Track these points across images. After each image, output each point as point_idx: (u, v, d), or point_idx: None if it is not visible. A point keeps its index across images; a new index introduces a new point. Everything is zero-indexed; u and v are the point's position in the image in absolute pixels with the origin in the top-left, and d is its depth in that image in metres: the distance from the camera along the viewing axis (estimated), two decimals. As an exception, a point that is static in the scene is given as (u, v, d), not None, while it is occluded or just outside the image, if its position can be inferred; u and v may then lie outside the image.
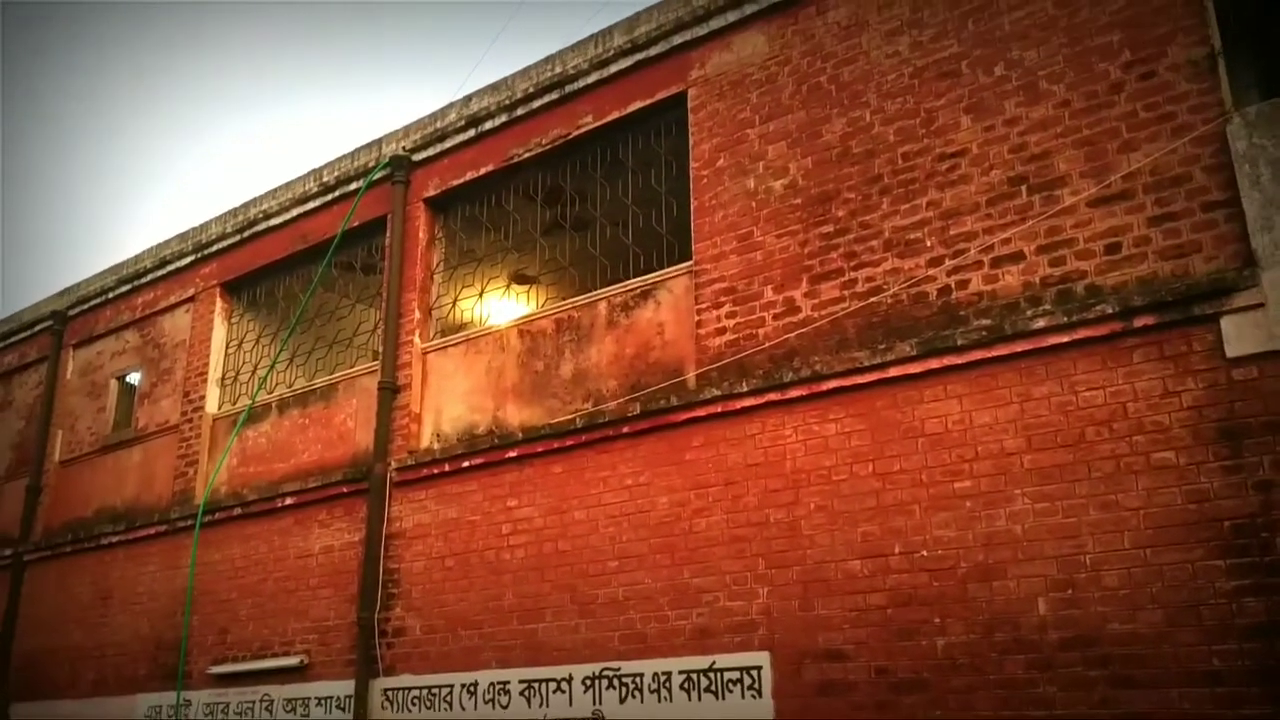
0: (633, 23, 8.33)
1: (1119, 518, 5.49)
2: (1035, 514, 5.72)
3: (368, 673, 8.32)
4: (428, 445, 8.87)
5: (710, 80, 7.85)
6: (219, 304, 11.33)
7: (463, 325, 9.61)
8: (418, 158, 9.65)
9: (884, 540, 6.16)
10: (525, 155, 8.88)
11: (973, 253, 6.34)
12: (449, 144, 9.43)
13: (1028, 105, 6.37)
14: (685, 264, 7.72)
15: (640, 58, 8.25)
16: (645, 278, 7.99)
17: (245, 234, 11.16)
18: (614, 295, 8.11)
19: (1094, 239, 5.97)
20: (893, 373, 6.35)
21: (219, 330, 11.27)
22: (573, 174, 8.84)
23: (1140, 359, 5.64)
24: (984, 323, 6.13)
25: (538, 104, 8.84)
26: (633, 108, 8.28)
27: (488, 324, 9.28)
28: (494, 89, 9.21)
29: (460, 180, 9.34)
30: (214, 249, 11.49)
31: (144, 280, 12.31)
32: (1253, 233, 5.45)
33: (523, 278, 10.49)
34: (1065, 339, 5.83)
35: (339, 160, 10.47)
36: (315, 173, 10.65)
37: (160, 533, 10.73)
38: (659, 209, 8.17)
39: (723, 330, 7.26)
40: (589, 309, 8.24)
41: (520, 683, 7.46)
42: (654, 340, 7.76)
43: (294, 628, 9.15)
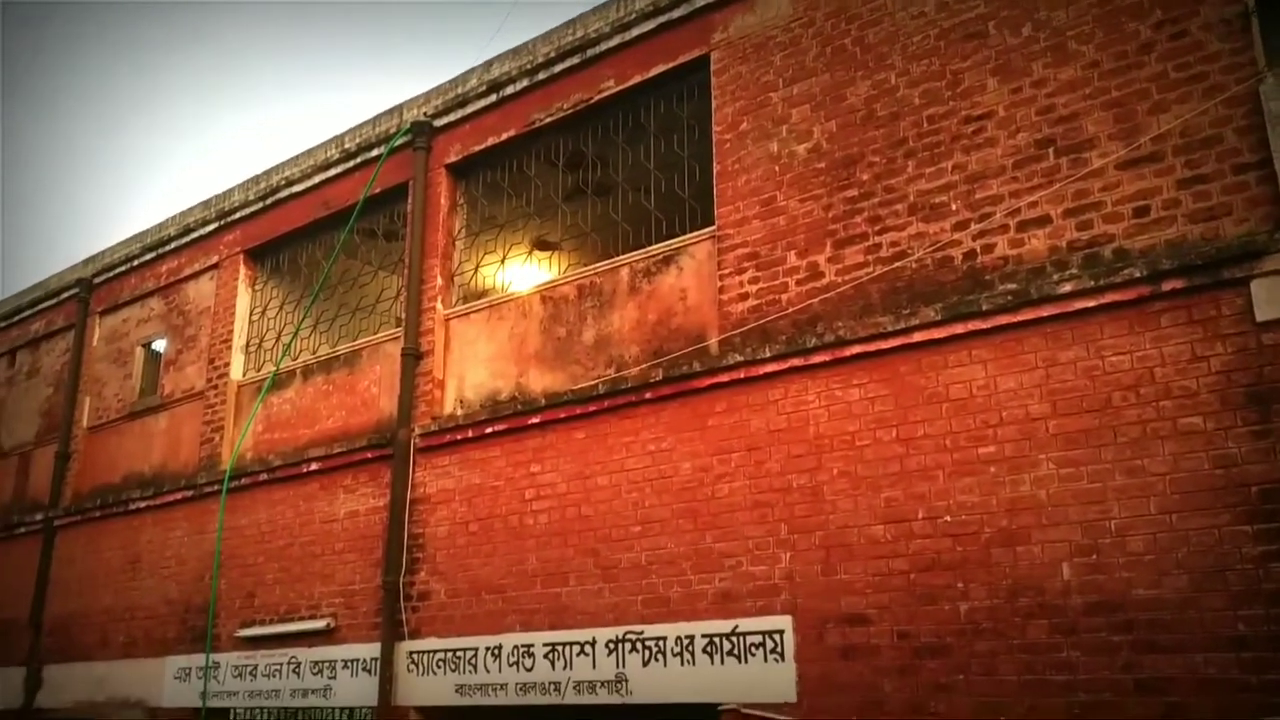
0: (655, -15, 8.25)
1: (1145, 483, 5.46)
2: (1060, 479, 5.69)
3: (393, 636, 8.41)
4: (451, 411, 8.91)
5: (733, 43, 7.78)
6: (242, 271, 11.38)
7: (485, 291, 9.62)
8: (439, 123, 9.63)
9: (907, 505, 6.15)
10: (547, 120, 8.84)
11: (998, 216, 6.28)
12: (470, 109, 9.40)
13: (1056, 66, 6.28)
14: (708, 229, 7.68)
15: (662, 20, 8.17)
16: (667, 243, 7.96)
17: (268, 201, 11.18)
18: (636, 261, 8.09)
19: (1122, 202, 5.89)
20: (917, 338, 6.32)
21: (243, 297, 11.32)
22: (594, 139, 8.80)
23: (1168, 323, 5.58)
24: (1009, 287, 6.08)
25: (559, 68, 8.79)
26: (655, 71, 8.22)
27: (510, 290, 9.29)
28: (515, 53, 9.16)
29: (482, 146, 9.31)
30: (237, 216, 11.53)
31: (168, 248, 12.38)
32: (1285, 195, 5.37)
33: (544, 244, 10.47)
34: (1092, 303, 5.78)
35: (360, 126, 10.46)
36: (337, 139, 10.65)
37: (187, 498, 10.85)
38: (681, 174, 8.13)
39: (745, 296, 7.23)
40: (611, 275, 8.23)
41: (544, 646, 7.53)
42: (676, 306, 7.75)
43: (320, 591, 9.25)
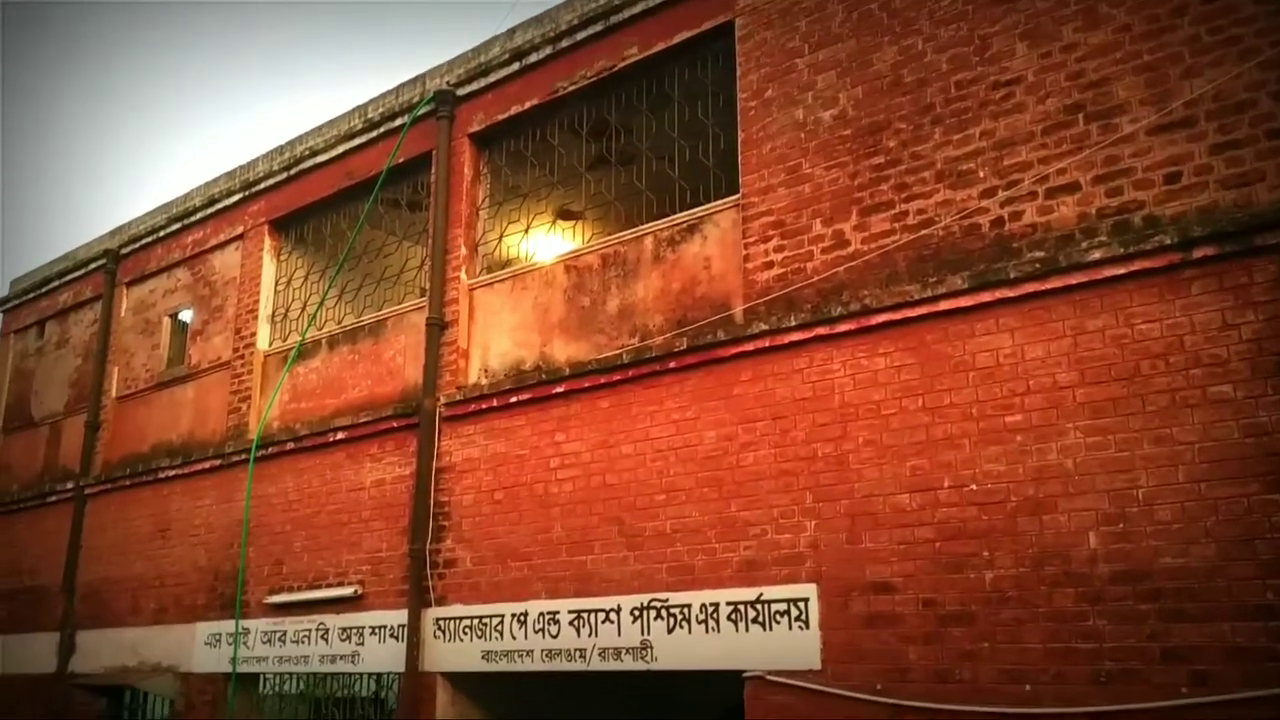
0: (679, -50, 8.18)
1: (1173, 451, 5.42)
2: (1087, 448, 5.67)
3: (420, 602, 8.49)
4: (475, 381, 8.94)
5: (758, 8, 7.71)
6: (268, 241, 11.43)
7: (508, 261, 9.63)
8: (462, 92, 9.60)
9: (933, 474, 6.15)
10: (570, 88, 8.81)
11: (1027, 183, 6.22)
12: (493, 78, 9.36)
13: (1086, 30, 6.19)
14: (732, 197, 7.65)
15: (686, -14, 8.10)
16: (692, 212, 7.93)
17: (292, 171, 11.20)
18: (660, 230, 8.07)
19: (1153, 168, 5.82)
20: (943, 306, 6.28)
21: (268, 267, 11.38)
22: (618, 107, 8.76)
23: (1199, 291, 5.52)
24: (1037, 255, 6.03)
25: (582, 36, 8.73)
26: (679, 38, 8.15)
27: (533, 260, 9.29)
28: (538, 21, 9.11)
29: (504, 115, 9.28)
30: (261, 186, 11.56)
31: (194, 218, 12.44)
32: (1320, 160, 5.29)
33: (568, 213, 10.46)
34: (1121, 271, 5.72)
35: (384, 96, 10.46)
36: (360, 109, 10.65)
37: (215, 467, 10.96)
38: (705, 142, 8.08)
39: (770, 264, 7.21)
40: (635, 244, 8.21)
41: (569, 613, 7.59)
42: (700, 275, 7.73)
43: (348, 559, 9.35)
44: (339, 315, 10.72)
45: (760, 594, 6.66)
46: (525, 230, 9.52)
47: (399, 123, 10.10)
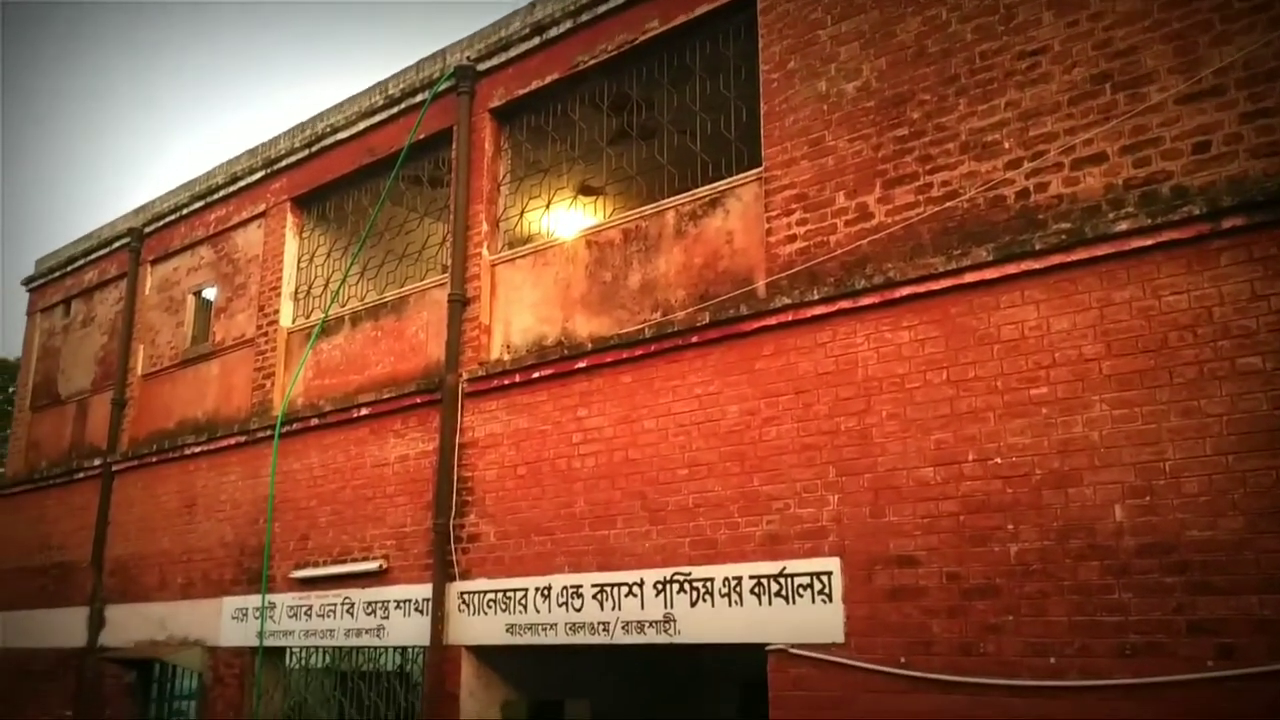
0: (700, -78, 8.10)
1: (1201, 424, 5.38)
2: (1113, 420, 5.63)
3: (444, 576, 8.55)
4: (498, 356, 8.96)
5: (780, -20, 7.63)
6: (290, 219, 11.47)
7: (530, 237, 9.62)
8: (482, 68, 9.58)
9: (957, 447, 6.12)
10: (591, 62, 8.76)
11: (1053, 154, 6.16)
12: (513, 53, 9.33)
13: (1114, -2, 6.10)
14: (754, 170, 7.61)
15: (708, -42, 8.04)
16: (714, 185, 7.90)
17: (313, 148, 11.22)
18: (682, 204, 8.04)
19: (1181, 138, 5.75)
20: (968, 278, 6.24)
21: (290, 245, 11.42)
22: (639, 81, 8.72)
23: (1228, 261, 5.46)
24: (1063, 226, 5.97)
25: (603, 9, 8.68)
26: (700, 10, 8.09)
27: (555, 235, 9.28)
28: (558, -5, 9.07)
29: (525, 90, 9.26)
30: (283, 164, 11.59)
31: (216, 196, 12.50)
32: (1353, 128, 5.21)
33: (588, 189, 10.43)
34: (1149, 242, 5.66)
35: (404, 72, 10.44)
36: (380, 85, 10.64)
37: (240, 443, 11.05)
38: (727, 115, 8.04)
39: (793, 238, 7.17)
40: (657, 218, 8.19)
41: (593, 587, 7.62)
42: (723, 249, 7.71)
43: (372, 534, 9.42)
44: (361, 292, 10.75)
45: (783, 568, 6.67)
46: (546, 206, 9.51)
47: (420, 99, 10.09)
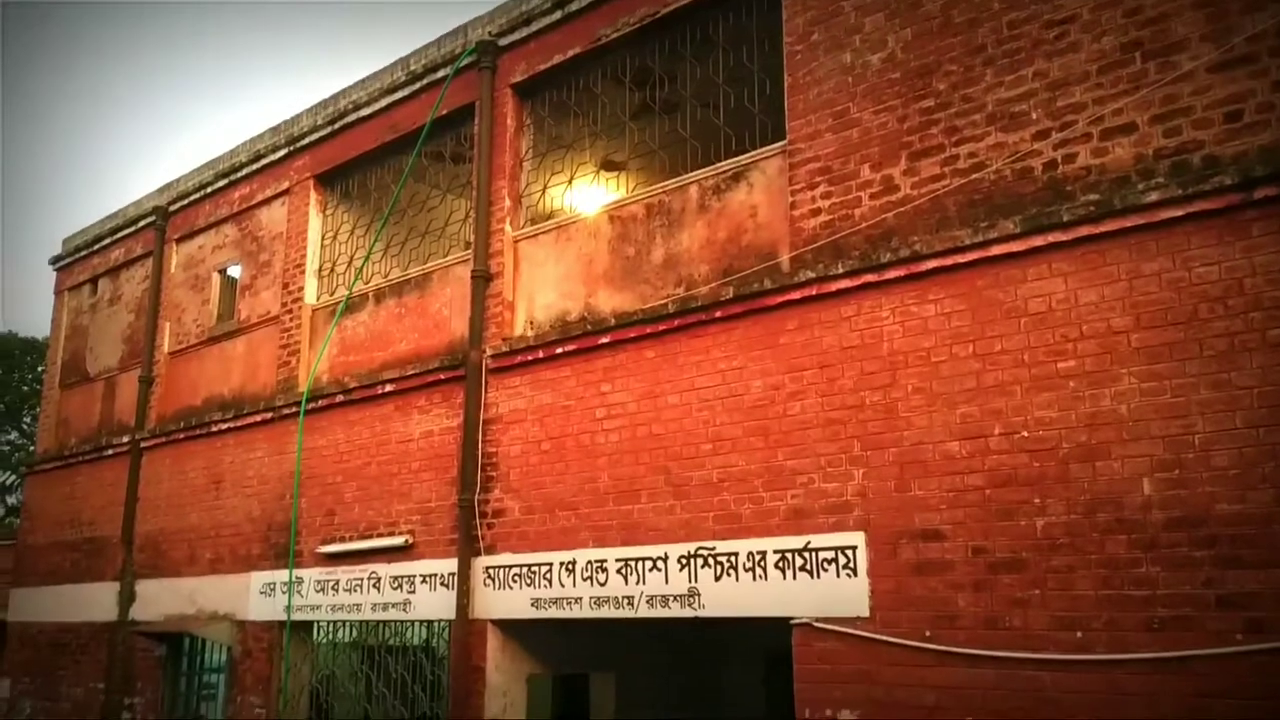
0: (723, -108, 8.02)
1: (1231, 396, 5.33)
2: (1142, 393, 5.58)
3: (470, 551, 8.60)
4: (521, 332, 8.97)
5: (804, -49, 7.55)
6: (313, 196, 11.49)
7: (552, 213, 9.60)
8: (504, 42, 9.54)
9: (983, 421, 6.09)
10: (613, 35, 8.71)
11: (1081, 125, 6.08)
12: (535, 27, 9.29)
13: (1145, -35, 6.00)
14: (778, 144, 7.55)
15: (731, -71, 7.96)
16: (737, 159, 7.85)
17: (336, 125, 11.23)
18: (705, 178, 8.00)
19: (1213, 106, 5.66)
20: (995, 251, 6.19)
21: (314, 222, 11.45)
22: (661, 54, 8.66)
23: (1259, 232, 5.38)
24: (1092, 197, 5.91)
25: (626, -18, 8.62)
26: (723, -17, 8.03)
27: (577, 211, 9.26)
28: (580, -32, 9.01)
29: (547, 64, 9.22)
30: (306, 141, 11.60)
31: (239, 174, 12.54)
32: (1389, 95, 5.12)
33: (611, 164, 10.40)
34: (1179, 212, 5.59)
35: (426, 48, 10.42)
36: (402, 61, 10.63)
37: (267, 420, 11.13)
38: (751, 88, 7.98)
39: (818, 211, 7.13)
40: (680, 193, 8.16)
41: (617, 561, 7.64)
42: (746, 223, 7.67)
43: (398, 509, 9.47)
44: (385, 269, 10.78)
45: (808, 542, 6.66)
46: (569, 181, 9.48)
47: (442, 75, 10.07)
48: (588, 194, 10.36)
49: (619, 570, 7.63)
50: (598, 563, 7.77)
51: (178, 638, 11.86)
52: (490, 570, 8.48)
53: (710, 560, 7.13)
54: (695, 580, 7.18)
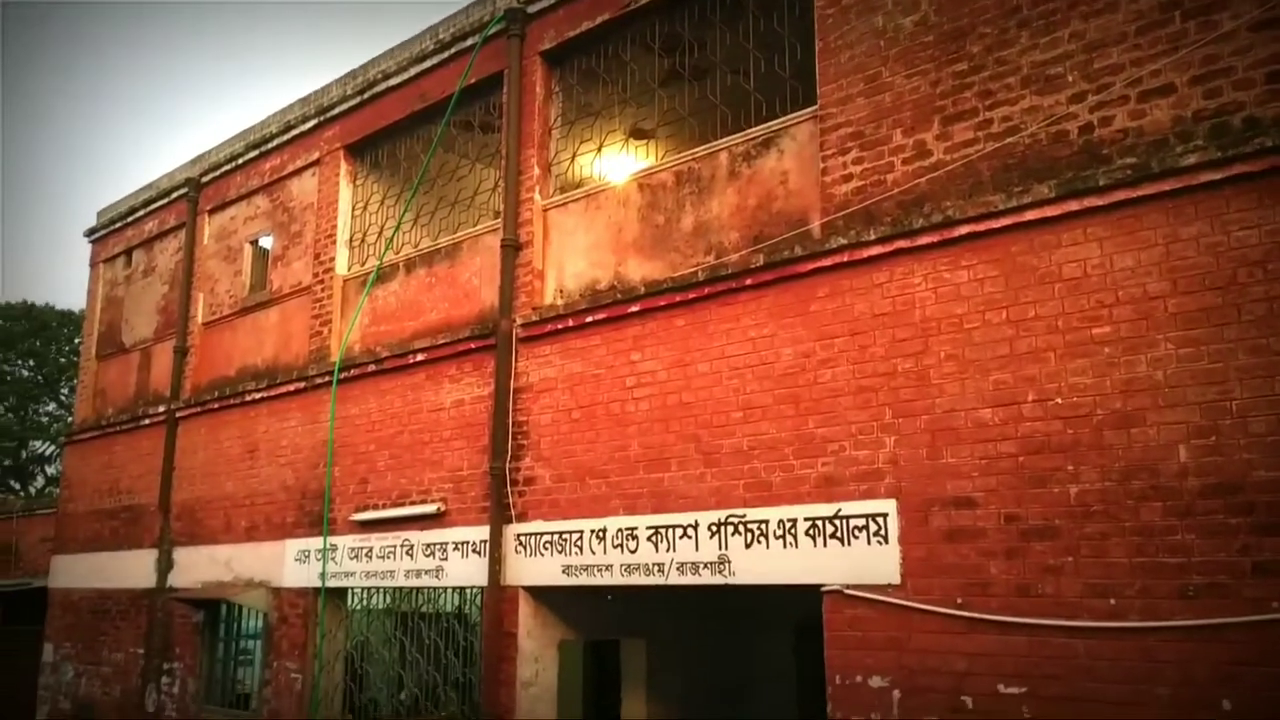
0: None
1: (1270, 362, 5.25)
2: (1179, 359, 5.51)
3: (501, 519, 8.66)
4: (551, 301, 8.98)
5: (835, -88, 7.45)
6: (343, 166, 11.52)
7: (582, 181, 9.58)
8: (532, 10, 9.49)
9: (1017, 388, 6.04)
10: (642, 1, 8.63)
11: (1118, 87, 5.98)
12: (564, -6, 9.23)
13: (1185, -78, 5.87)
14: (809, 109, 7.48)
15: (760, -108, 7.86)
16: (767, 125, 7.79)
17: (365, 95, 11.24)
18: (735, 145, 7.95)
19: (1254, 67, 5.55)
20: (1029, 216, 6.11)
21: (345, 192, 11.49)
22: (691, 20, 8.58)
23: (1301, 195, 5.29)
24: (1129, 161, 5.82)
25: (654, -53, 8.54)
26: (753, -54, 7.94)
27: (607, 179, 9.23)
28: (608, -67, 8.93)
29: (576, 31, 9.16)
30: (336, 111, 11.62)
31: (270, 145, 12.59)
32: None
33: (640, 132, 10.35)
34: (1218, 176, 5.50)
35: (454, 17, 10.39)
36: (431, 30, 10.61)
37: (300, 389, 11.22)
38: (781, 53, 7.90)
39: (849, 177, 7.06)
40: (709, 160, 8.11)
41: (648, 529, 7.67)
42: (777, 190, 7.62)
43: (430, 477, 9.55)
44: (415, 239, 10.80)
45: (839, 509, 6.66)
46: (598, 149, 9.45)
47: (470, 43, 10.04)
48: (617, 162, 10.33)
49: (649, 538, 7.66)
50: (628, 530, 7.80)
51: (215, 604, 12.05)
52: (521, 537, 8.54)
53: (740, 528, 7.14)
54: (725, 548, 7.19)
